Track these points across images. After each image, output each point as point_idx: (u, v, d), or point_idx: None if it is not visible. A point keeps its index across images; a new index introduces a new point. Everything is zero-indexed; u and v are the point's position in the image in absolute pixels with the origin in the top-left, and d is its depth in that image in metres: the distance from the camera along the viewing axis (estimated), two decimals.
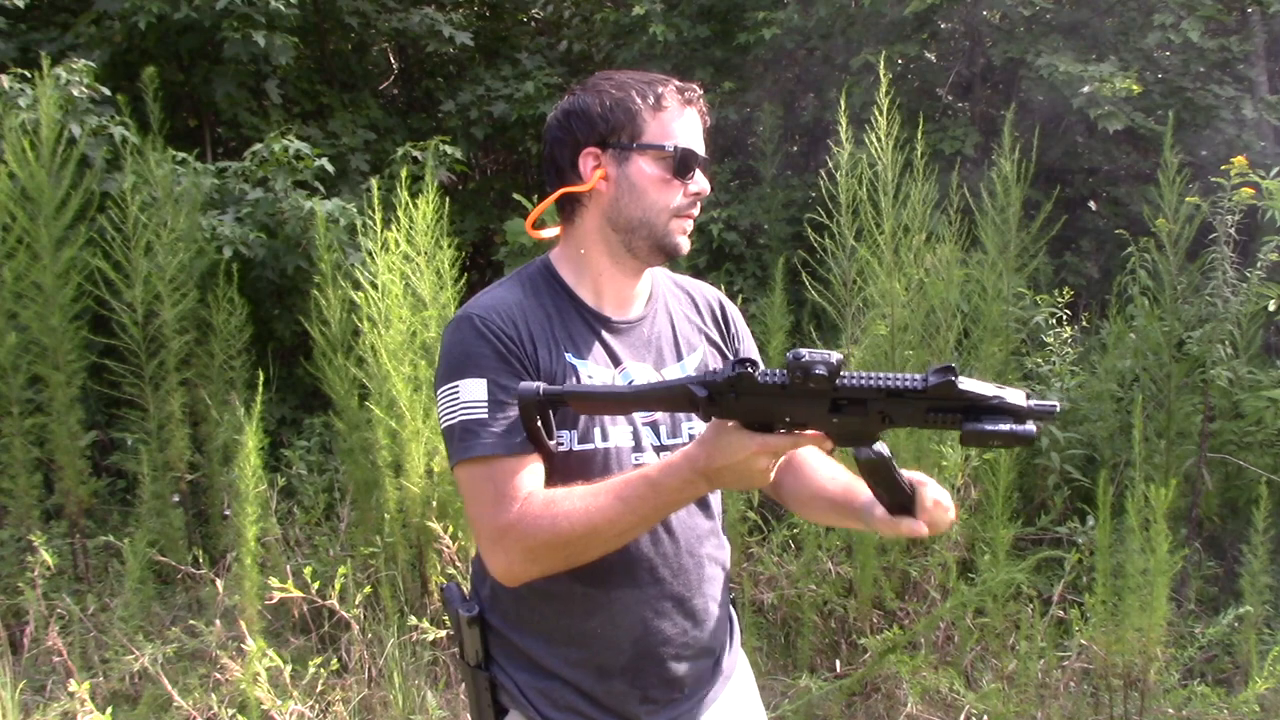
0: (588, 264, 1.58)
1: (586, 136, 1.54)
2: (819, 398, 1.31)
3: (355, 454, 4.02)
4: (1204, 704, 3.09)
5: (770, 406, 1.33)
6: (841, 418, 1.31)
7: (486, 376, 1.45)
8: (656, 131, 1.53)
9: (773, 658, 3.76)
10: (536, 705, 1.54)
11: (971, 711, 3.25)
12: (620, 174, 1.53)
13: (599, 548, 1.41)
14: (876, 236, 3.82)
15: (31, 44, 5.61)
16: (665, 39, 6.30)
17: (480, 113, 6.68)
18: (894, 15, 6.09)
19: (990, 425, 1.26)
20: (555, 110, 1.60)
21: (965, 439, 1.27)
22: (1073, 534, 3.84)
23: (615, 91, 1.54)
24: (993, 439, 1.26)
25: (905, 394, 1.29)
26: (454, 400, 1.46)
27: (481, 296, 1.56)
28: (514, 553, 1.41)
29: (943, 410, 1.27)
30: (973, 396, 1.26)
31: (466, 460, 1.44)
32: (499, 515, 1.41)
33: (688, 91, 1.57)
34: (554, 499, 1.41)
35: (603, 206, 1.55)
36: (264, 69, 6.13)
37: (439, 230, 3.90)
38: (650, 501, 1.38)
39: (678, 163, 1.53)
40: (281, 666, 3.05)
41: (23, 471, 4.10)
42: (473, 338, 1.48)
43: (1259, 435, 4.06)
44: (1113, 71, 5.43)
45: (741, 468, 1.34)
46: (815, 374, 1.28)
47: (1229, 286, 3.93)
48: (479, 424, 1.44)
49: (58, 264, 4.14)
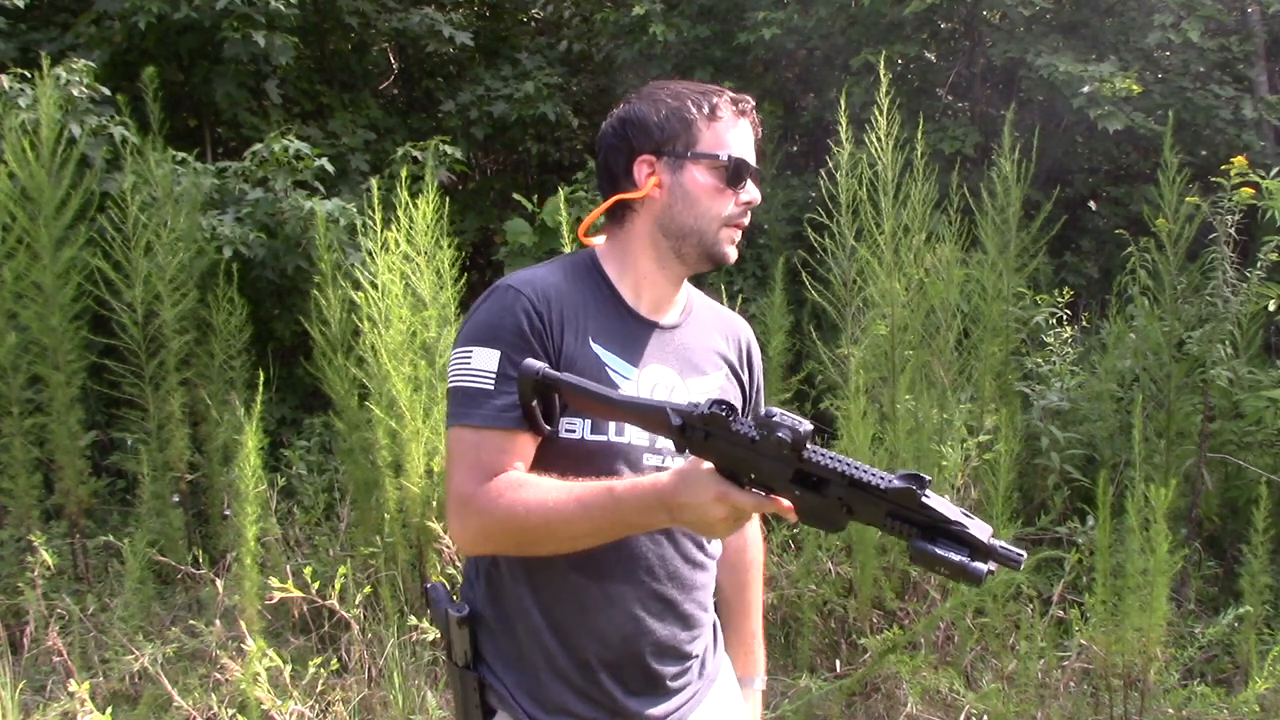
0: (632, 265, 1.61)
1: (642, 144, 1.56)
2: (783, 464, 1.27)
3: (355, 454, 4.02)
4: (1204, 704, 3.09)
5: (739, 456, 1.30)
6: (804, 491, 1.27)
7: (501, 349, 1.47)
8: (711, 141, 1.55)
9: (773, 658, 3.75)
10: (524, 706, 1.55)
11: (971, 711, 3.25)
12: (674, 181, 1.56)
13: (551, 544, 1.43)
14: (876, 236, 3.81)
15: (31, 44, 5.61)
16: (665, 39, 6.30)
17: (480, 113, 6.68)
18: (894, 15, 6.09)
19: (943, 551, 1.18)
20: (610, 118, 1.62)
21: (913, 557, 1.21)
22: (1073, 534, 3.84)
23: (671, 100, 1.56)
24: (940, 566, 1.18)
25: (866, 489, 1.23)
26: (464, 364, 1.49)
27: (522, 271, 1.59)
28: (469, 523, 1.44)
29: (900, 519, 1.21)
30: (934, 515, 1.19)
31: (460, 425, 1.47)
32: (468, 483, 1.44)
33: (741, 103, 1.59)
34: (524, 483, 1.43)
35: (655, 213, 1.57)
36: (264, 69, 6.13)
37: (439, 230, 3.89)
38: (609, 514, 1.38)
39: (731, 172, 1.55)
40: (281, 666, 3.05)
41: (23, 471, 4.10)
42: (501, 308, 1.51)
43: (1259, 435, 4.06)
44: (1113, 71, 5.43)
45: (700, 510, 1.32)
46: (777, 437, 1.24)
47: (1229, 286, 3.93)
48: (482, 393, 1.46)
49: (58, 264, 4.14)
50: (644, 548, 1.55)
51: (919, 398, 3.80)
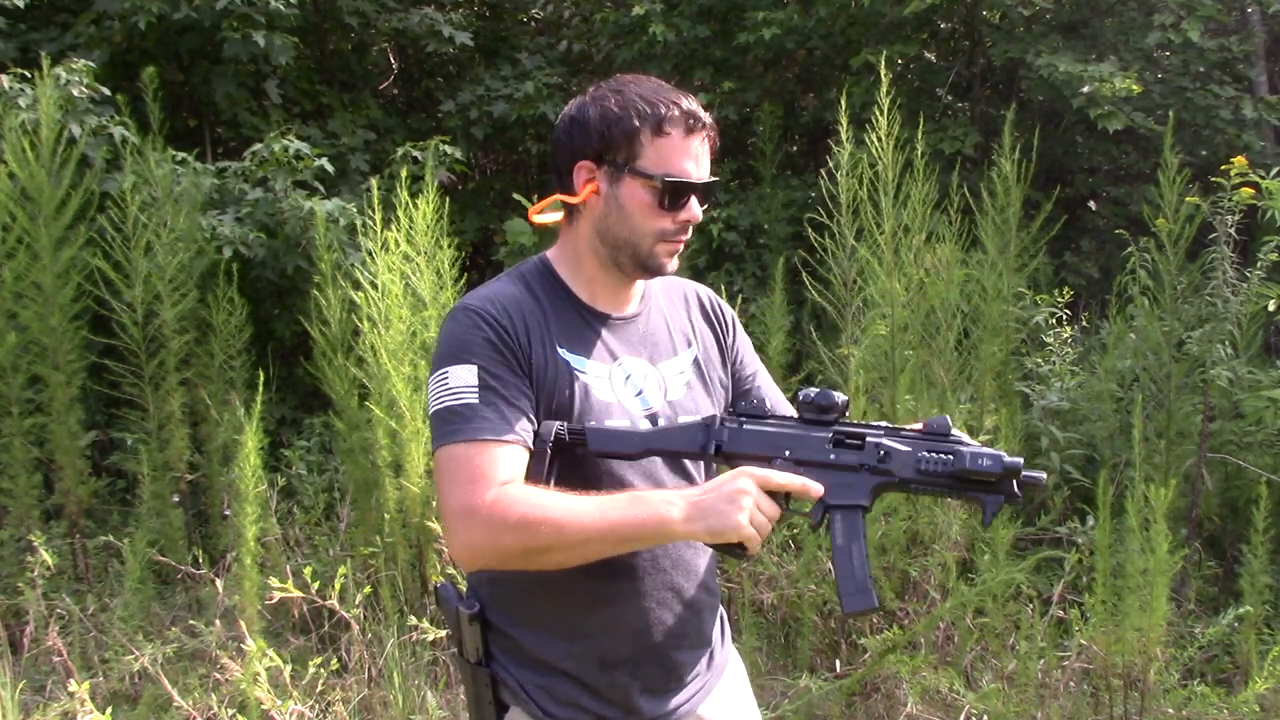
0: (581, 267, 1.59)
1: (583, 149, 1.53)
2: (824, 429, 1.43)
3: (355, 454, 4.02)
4: (1204, 704, 3.09)
5: (777, 432, 1.44)
6: (840, 452, 1.42)
7: (477, 364, 1.46)
8: (652, 158, 1.51)
9: (773, 658, 3.76)
10: (538, 701, 1.55)
11: (971, 711, 3.25)
12: (610, 192, 1.53)
13: (562, 549, 1.40)
14: (876, 236, 3.82)
15: (31, 44, 5.61)
16: (665, 39, 6.30)
17: (480, 113, 6.67)
18: (894, 15, 6.09)
19: (984, 449, 1.39)
20: (566, 110, 1.58)
21: (957, 461, 1.38)
22: (1073, 534, 3.84)
23: (617, 109, 1.51)
24: (983, 459, 1.37)
25: (901, 432, 1.42)
26: (443, 386, 1.47)
27: (477, 290, 1.57)
28: (476, 532, 1.40)
29: (935, 451, 1.39)
30: (964, 444, 1.39)
31: (452, 443, 1.44)
32: (473, 494, 1.41)
33: (692, 119, 1.52)
34: (532, 490, 1.43)
35: (593, 219, 1.55)
36: (264, 69, 6.12)
37: (439, 230, 3.90)
38: (625, 513, 1.38)
39: (667, 195, 1.51)
40: (281, 666, 3.05)
41: (23, 471, 4.09)
42: (465, 327, 1.49)
43: (1259, 435, 4.06)
44: (1113, 71, 5.43)
45: (722, 489, 1.37)
46: (818, 402, 1.43)
47: (1229, 286, 3.93)
48: (468, 408, 1.44)
49: (58, 264, 4.14)
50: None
51: (919, 398, 3.80)
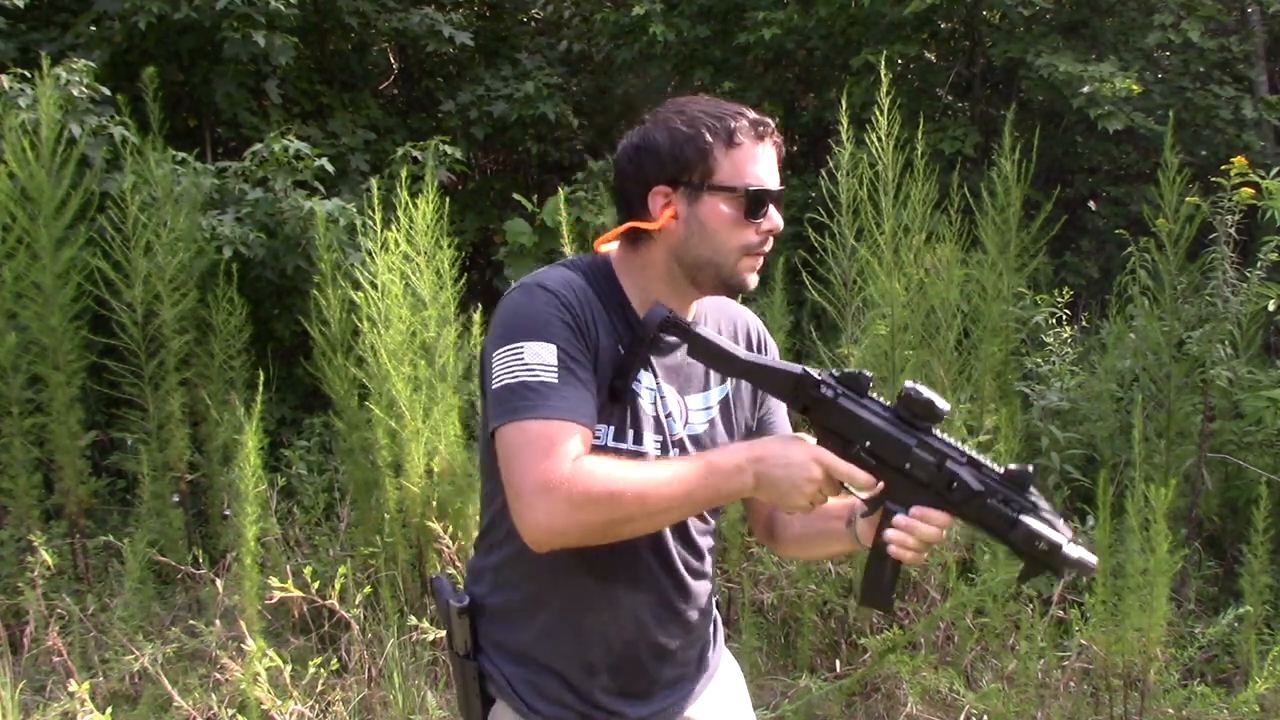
0: (645, 286, 1.56)
1: (657, 174, 1.50)
2: (912, 435, 1.43)
3: (355, 454, 4.02)
4: (1204, 704, 3.09)
5: (863, 419, 1.44)
6: (916, 467, 1.42)
7: (556, 344, 1.43)
8: (729, 171, 1.48)
9: (773, 658, 3.76)
10: (523, 695, 1.57)
11: (971, 711, 3.25)
12: (690, 214, 1.50)
13: (642, 519, 1.40)
14: (877, 236, 3.82)
15: (31, 44, 5.61)
16: (665, 39, 6.30)
17: (480, 113, 6.67)
18: (894, 15, 6.09)
19: (1044, 528, 1.38)
20: (625, 142, 1.56)
21: (1017, 540, 1.40)
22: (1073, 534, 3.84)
23: (686, 128, 1.49)
24: (1039, 541, 1.38)
25: (982, 467, 1.42)
26: (518, 360, 1.42)
27: (549, 272, 1.54)
28: (558, 505, 1.36)
29: (1004, 504, 1.40)
30: (1037, 504, 1.40)
31: (526, 418, 1.39)
32: (551, 468, 1.37)
33: (761, 126, 1.51)
34: (608, 460, 1.42)
35: (671, 244, 1.52)
36: (264, 69, 6.12)
37: (439, 230, 3.89)
38: (699, 479, 1.40)
39: (750, 203, 1.49)
40: (281, 666, 3.05)
41: (23, 471, 4.09)
42: (544, 305, 1.46)
43: (1259, 435, 4.06)
44: (1113, 71, 5.43)
45: (794, 470, 1.40)
46: (919, 401, 1.43)
47: (1229, 286, 3.93)
48: (545, 386, 1.40)
49: (58, 264, 4.14)
50: (649, 556, 1.57)
51: None
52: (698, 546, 1.65)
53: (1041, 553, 1.37)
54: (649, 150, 1.51)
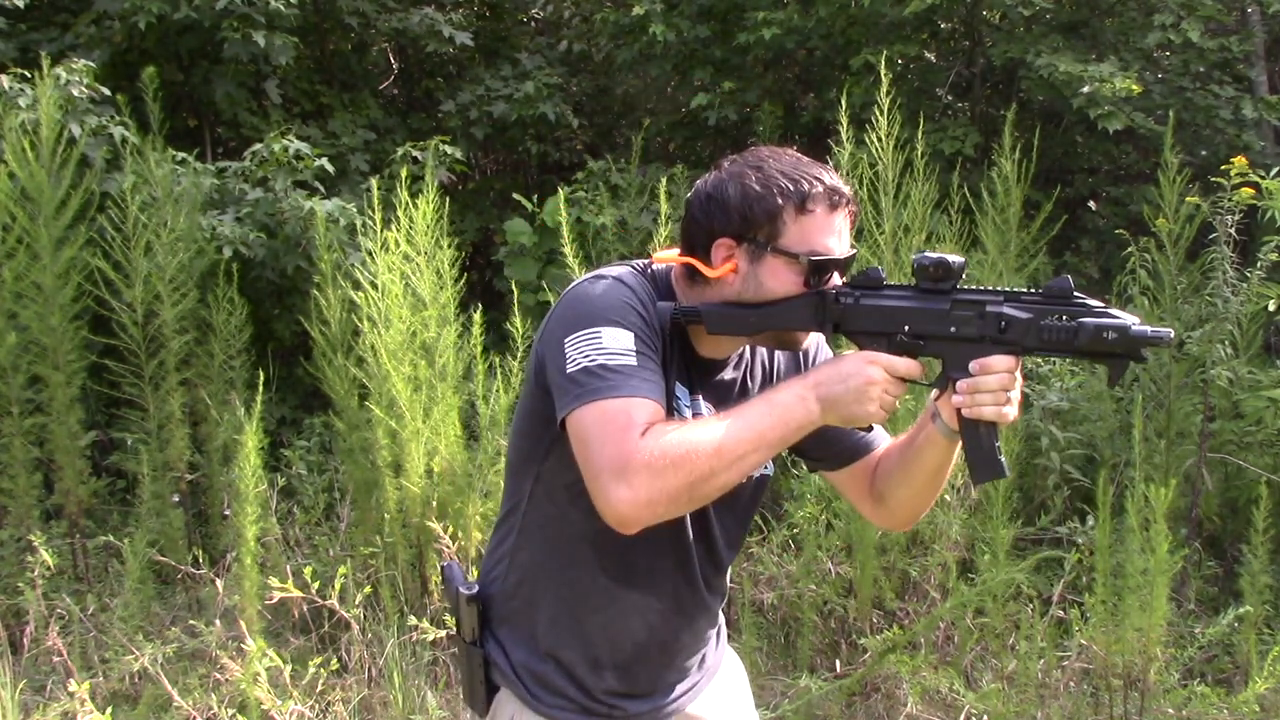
0: None
1: (724, 228, 1.50)
2: (941, 297, 1.42)
3: (355, 454, 4.02)
4: (1204, 704, 3.09)
5: (895, 307, 1.44)
6: (961, 325, 1.40)
7: (634, 332, 1.44)
8: (795, 237, 1.47)
9: (773, 658, 3.76)
10: (526, 684, 1.60)
11: (971, 711, 3.25)
12: (750, 270, 1.50)
13: (722, 470, 1.37)
14: (877, 236, 3.82)
15: (31, 44, 5.60)
16: (665, 39, 6.29)
17: (480, 113, 6.67)
18: (894, 15, 6.09)
19: (1108, 320, 1.34)
20: (701, 185, 1.55)
21: (1084, 340, 1.35)
22: (1073, 534, 3.84)
23: (759, 187, 1.48)
24: (1109, 331, 1.33)
25: (1021, 296, 1.39)
26: (595, 343, 1.42)
27: (618, 268, 1.55)
28: (638, 481, 1.34)
29: (1059, 318, 1.36)
30: (1089, 305, 1.36)
31: (605, 398, 1.38)
32: (626, 443, 1.36)
33: (836, 195, 1.49)
34: (674, 424, 1.41)
35: (725, 294, 1.52)
36: (264, 69, 6.12)
37: (439, 230, 3.89)
38: (766, 418, 1.40)
39: (810, 273, 1.48)
40: (281, 666, 3.05)
41: (23, 471, 4.09)
42: (621, 296, 1.47)
43: (1259, 435, 4.06)
44: (1113, 71, 5.43)
45: (854, 380, 1.40)
46: (934, 266, 1.41)
47: (1229, 286, 3.93)
48: (626, 368, 1.40)
49: (58, 264, 4.14)
50: (670, 568, 1.59)
51: (919, 397, 3.79)
52: (721, 562, 1.66)
53: (1113, 343, 1.33)
54: (719, 201, 1.50)
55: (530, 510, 1.60)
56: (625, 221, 5.68)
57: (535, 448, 1.56)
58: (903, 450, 1.60)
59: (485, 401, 3.79)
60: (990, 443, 1.43)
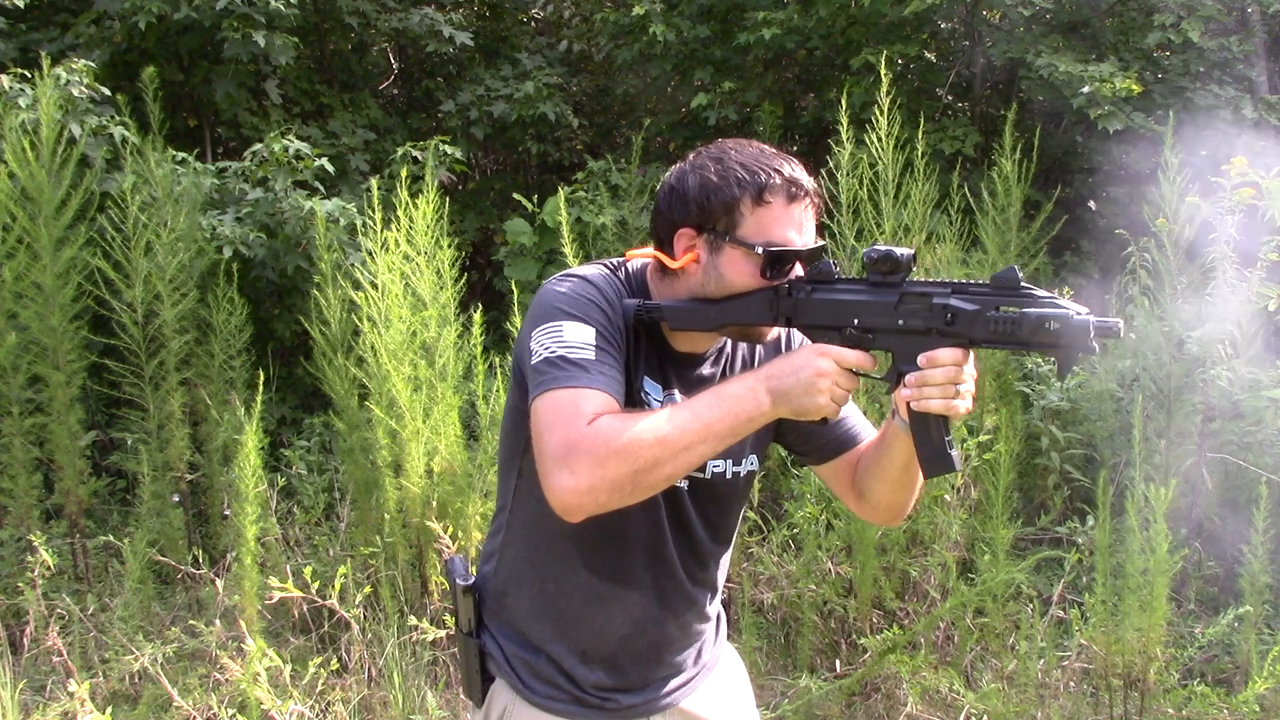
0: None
1: (683, 218, 1.52)
2: (889, 289, 1.41)
3: (355, 454, 4.02)
4: (1204, 704, 3.09)
5: (845, 301, 1.44)
6: (908, 317, 1.40)
7: (595, 327, 1.46)
8: (753, 228, 1.49)
9: (773, 658, 3.75)
10: (520, 674, 1.62)
11: (971, 711, 3.25)
12: (710, 261, 1.51)
13: (667, 461, 1.36)
14: (877, 236, 3.82)
15: (31, 44, 5.61)
16: (665, 39, 6.29)
17: (480, 113, 6.67)
18: (894, 15, 6.09)
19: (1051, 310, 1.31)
20: (665, 178, 1.58)
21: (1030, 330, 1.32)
22: (1073, 534, 3.84)
23: (716, 178, 1.49)
24: (1050, 321, 1.30)
25: (969, 288, 1.38)
26: (557, 336, 1.44)
27: (588, 269, 1.57)
28: (581, 463, 1.34)
29: (1004, 309, 1.34)
30: (1036, 295, 1.33)
31: (559, 388, 1.40)
32: (572, 431, 1.36)
33: (794, 187, 1.51)
34: (624, 414, 1.41)
35: (690, 286, 1.54)
36: (264, 69, 6.12)
37: (439, 230, 3.89)
38: (715, 409, 1.39)
39: (767, 264, 1.49)
40: (281, 666, 3.05)
41: (23, 471, 4.09)
42: (586, 293, 1.50)
43: (1259, 435, 4.06)
44: (1113, 71, 5.43)
45: (803, 373, 1.39)
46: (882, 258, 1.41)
47: (1229, 286, 3.93)
48: (585, 361, 1.42)
49: (58, 264, 4.14)
50: (655, 565, 1.60)
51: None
52: (703, 554, 1.66)
53: (1056, 333, 1.30)
54: (679, 193, 1.53)
55: (516, 506, 1.63)
56: (625, 221, 5.69)
57: (517, 443, 1.59)
58: (876, 446, 1.62)
59: (485, 401, 3.79)
60: (940, 436, 1.42)
